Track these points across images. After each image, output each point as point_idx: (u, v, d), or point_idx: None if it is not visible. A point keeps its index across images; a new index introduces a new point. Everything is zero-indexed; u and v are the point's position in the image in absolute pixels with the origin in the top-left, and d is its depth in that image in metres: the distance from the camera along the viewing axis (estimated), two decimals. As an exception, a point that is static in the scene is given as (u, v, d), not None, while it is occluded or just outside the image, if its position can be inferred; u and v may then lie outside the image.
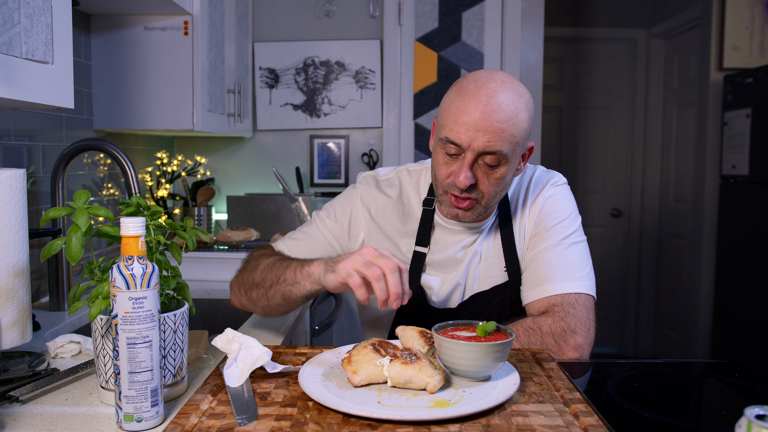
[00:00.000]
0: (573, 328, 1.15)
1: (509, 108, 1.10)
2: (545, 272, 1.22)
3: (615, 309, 4.31)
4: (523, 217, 1.29)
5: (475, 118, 1.10)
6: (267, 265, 1.21)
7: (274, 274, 1.17)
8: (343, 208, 1.35)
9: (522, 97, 1.14)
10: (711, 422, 0.94)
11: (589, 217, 4.21)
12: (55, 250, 0.92)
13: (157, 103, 2.08)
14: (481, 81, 1.13)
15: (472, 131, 1.10)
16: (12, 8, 0.97)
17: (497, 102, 1.10)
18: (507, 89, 1.12)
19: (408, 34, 2.85)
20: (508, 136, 1.11)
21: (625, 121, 4.25)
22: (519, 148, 1.15)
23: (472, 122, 1.10)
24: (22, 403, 0.92)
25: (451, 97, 1.15)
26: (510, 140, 1.11)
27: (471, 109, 1.10)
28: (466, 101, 1.11)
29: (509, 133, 1.11)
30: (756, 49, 3.35)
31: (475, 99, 1.10)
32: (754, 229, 3.00)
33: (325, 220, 1.35)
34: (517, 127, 1.12)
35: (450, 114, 1.13)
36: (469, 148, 1.11)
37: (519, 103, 1.12)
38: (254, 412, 0.83)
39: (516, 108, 1.11)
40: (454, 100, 1.13)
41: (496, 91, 1.11)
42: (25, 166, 1.64)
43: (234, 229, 2.32)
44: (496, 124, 1.09)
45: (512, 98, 1.12)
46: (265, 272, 1.20)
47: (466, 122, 1.10)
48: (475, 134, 1.10)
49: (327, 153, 2.92)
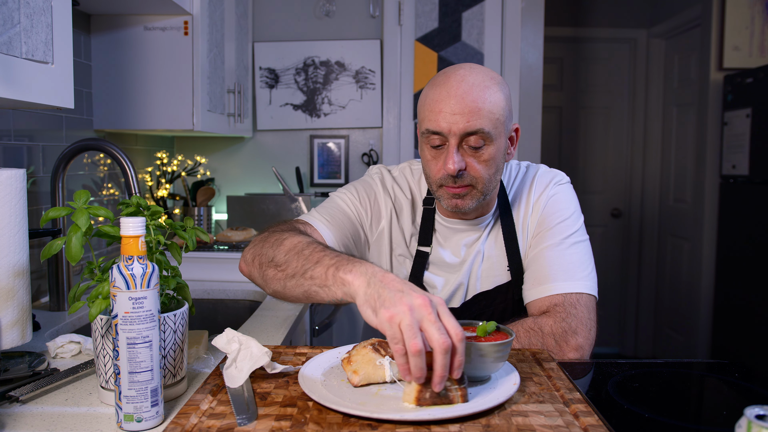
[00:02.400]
0: (574, 329, 1.15)
1: (481, 87, 1.12)
2: (547, 271, 1.21)
3: (615, 309, 4.31)
4: (526, 216, 1.29)
5: (450, 103, 1.11)
6: (294, 246, 1.05)
7: (300, 263, 1.00)
8: (366, 192, 1.32)
9: (493, 79, 1.15)
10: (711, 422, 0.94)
11: (589, 217, 4.18)
12: (55, 250, 0.92)
13: (157, 103, 2.08)
14: (449, 71, 1.16)
15: (449, 116, 1.11)
16: (12, 8, 0.97)
17: (468, 84, 1.12)
18: (476, 73, 1.14)
19: (408, 34, 2.85)
20: (486, 113, 1.11)
21: (625, 121, 4.25)
22: (501, 127, 1.15)
23: (448, 108, 1.11)
24: (22, 403, 0.92)
25: (425, 93, 1.17)
26: (489, 117, 1.12)
27: (444, 96, 1.12)
28: (438, 91, 1.14)
29: (486, 110, 1.12)
30: (756, 49, 3.35)
31: (446, 86, 1.13)
32: (754, 229, 3.00)
33: (351, 199, 1.30)
34: (493, 104, 1.12)
35: (426, 107, 1.15)
36: (450, 133, 1.12)
37: (490, 83, 1.14)
38: (254, 412, 0.83)
39: (488, 87, 1.13)
40: (428, 94, 1.16)
41: (465, 76, 1.13)
42: (25, 166, 1.64)
43: (234, 229, 2.32)
44: (471, 104, 1.11)
45: (482, 79, 1.13)
46: (289, 255, 1.04)
47: (442, 110, 1.12)
48: (452, 118, 1.11)
49: (327, 153, 2.92)
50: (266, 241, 1.13)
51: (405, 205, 1.33)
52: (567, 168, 4.24)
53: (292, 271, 1.02)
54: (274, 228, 1.19)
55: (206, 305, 1.92)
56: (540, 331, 1.15)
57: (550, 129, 4.14)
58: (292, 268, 1.02)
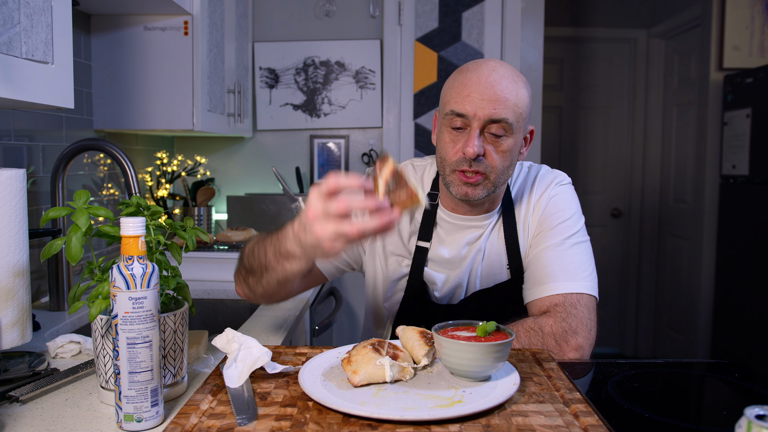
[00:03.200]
0: (574, 329, 1.15)
1: (510, 80, 1.15)
2: (547, 271, 1.21)
3: (615, 309, 4.31)
4: (527, 215, 1.29)
5: (480, 88, 1.13)
6: (249, 249, 1.13)
7: (258, 261, 1.08)
8: None
9: (520, 77, 1.18)
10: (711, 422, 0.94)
11: (589, 217, 4.16)
12: (55, 250, 0.92)
13: (157, 103, 2.08)
14: (480, 61, 1.19)
15: (477, 100, 1.13)
16: (12, 8, 0.97)
17: (499, 74, 1.15)
18: (506, 67, 1.18)
19: (408, 34, 2.85)
20: (512, 105, 1.14)
21: (625, 121, 4.25)
22: (522, 122, 1.18)
23: (477, 92, 1.13)
24: (22, 403, 0.92)
25: (453, 77, 1.19)
26: (514, 110, 1.14)
27: (474, 81, 1.14)
28: (468, 76, 1.16)
29: (513, 102, 1.14)
30: (756, 49, 3.35)
31: (477, 73, 1.15)
32: (754, 229, 3.00)
33: None
34: (519, 99, 1.15)
35: (453, 90, 1.17)
36: (475, 117, 1.13)
37: (518, 79, 1.17)
38: (254, 412, 0.83)
39: (516, 82, 1.16)
40: (457, 78, 1.18)
41: (496, 67, 1.16)
42: (25, 166, 1.64)
43: (234, 229, 2.32)
44: (500, 93, 1.13)
45: (511, 73, 1.17)
46: (250, 259, 1.12)
47: (470, 93, 1.13)
48: (480, 103, 1.13)
49: (327, 153, 2.92)
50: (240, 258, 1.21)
51: None
52: (567, 168, 4.24)
53: (259, 270, 1.09)
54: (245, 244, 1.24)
55: (206, 305, 1.92)
56: (540, 331, 1.15)
57: (550, 129, 4.14)
58: (257, 267, 1.09)
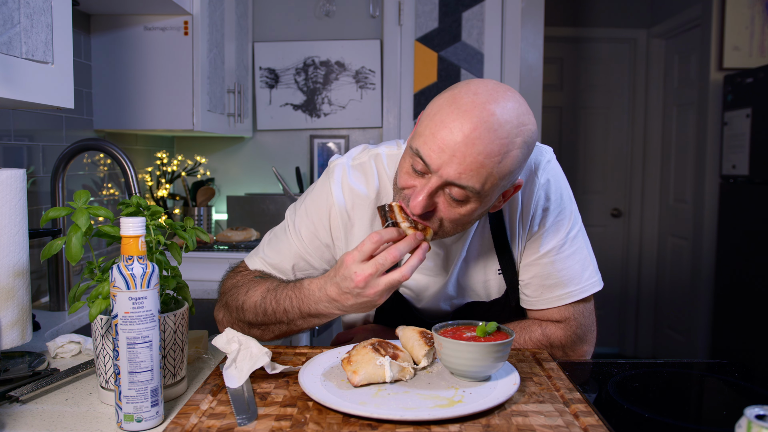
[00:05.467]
0: (582, 338, 1.15)
1: (501, 141, 0.90)
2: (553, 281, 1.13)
3: (615, 309, 4.31)
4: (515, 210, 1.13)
5: (456, 140, 0.90)
6: (256, 303, 1.09)
7: (273, 318, 1.08)
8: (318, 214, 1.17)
9: (522, 129, 0.93)
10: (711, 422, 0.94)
11: (589, 217, 4.20)
12: (55, 250, 0.92)
13: (157, 103, 2.08)
14: (481, 97, 0.92)
15: (446, 154, 0.90)
16: (12, 8, 0.97)
17: (489, 128, 0.89)
18: (508, 114, 0.91)
19: (408, 34, 2.85)
20: (487, 174, 0.91)
21: (625, 121, 4.25)
22: (497, 189, 0.96)
23: (451, 144, 0.90)
24: (22, 403, 0.92)
25: (440, 104, 0.94)
26: (488, 179, 0.92)
27: (455, 128, 0.90)
28: (453, 116, 0.91)
29: (489, 171, 0.91)
30: (756, 49, 3.35)
31: (463, 116, 0.90)
32: (754, 229, 3.00)
33: (301, 234, 1.18)
34: (502, 167, 0.92)
35: (431, 124, 0.93)
36: (437, 173, 0.92)
37: (516, 137, 0.92)
38: (254, 412, 0.83)
39: (510, 143, 0.91)
40: (442, 108, 0.93)
41: (493, 115, 0.90)
42: (25, 166, 1.64)
43: (234, 229, 2.32)
44: (477, 157, 0.90)
45: (510, 129, 0.91)
46: (257, 311, 1.09)
47: (443, 140, 0.90)
48: (449, 159, 0.90)
49: (327, 153, 2.92)
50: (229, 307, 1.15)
51: (365, 207, 1.15)
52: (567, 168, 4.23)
53: (270, 321, 1.09)
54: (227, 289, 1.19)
55: (206, 305, 1.91)
56: (550, 345, 1.15)
57: (550, 129, 4.14)
58: (268, 320, 1.09)
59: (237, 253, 2.10)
